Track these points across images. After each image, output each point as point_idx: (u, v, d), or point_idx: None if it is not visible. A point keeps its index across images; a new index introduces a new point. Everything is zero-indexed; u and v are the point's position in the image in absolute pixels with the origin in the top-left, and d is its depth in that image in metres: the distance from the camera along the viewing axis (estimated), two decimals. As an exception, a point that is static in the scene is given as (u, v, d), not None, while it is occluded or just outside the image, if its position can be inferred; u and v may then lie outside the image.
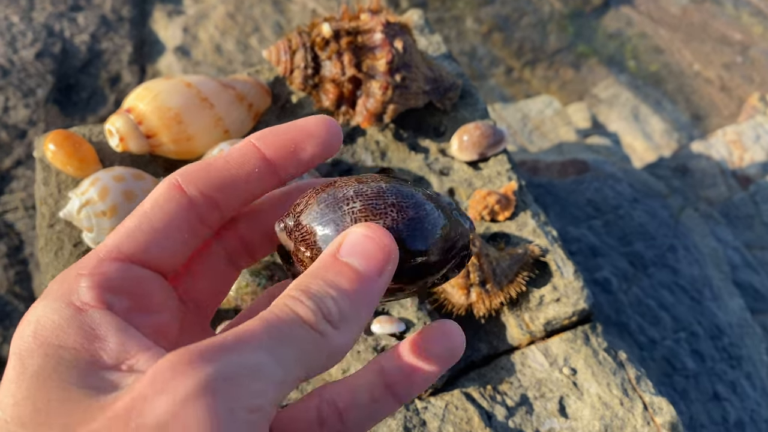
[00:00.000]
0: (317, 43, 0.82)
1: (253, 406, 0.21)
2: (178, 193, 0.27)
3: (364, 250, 0.26)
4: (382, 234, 0.26)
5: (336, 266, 0.25)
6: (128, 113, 0.77)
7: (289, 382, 0.23)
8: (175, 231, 0.27)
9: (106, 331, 0.24)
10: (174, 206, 0.27)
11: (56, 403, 0.22)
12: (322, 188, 0.29)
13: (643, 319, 1.06)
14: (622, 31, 2.32)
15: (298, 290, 0.25)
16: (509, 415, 0.72)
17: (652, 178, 1.33)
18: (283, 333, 0.23)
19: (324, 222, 0.27)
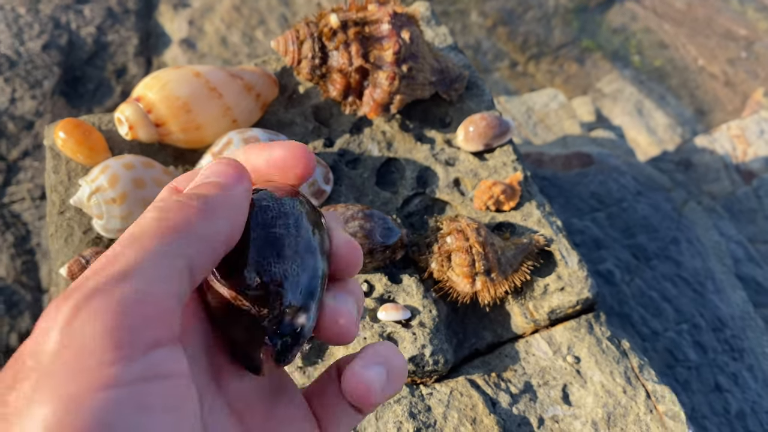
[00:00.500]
0: (325, 33, 0.82)
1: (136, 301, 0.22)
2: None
3: (219, 170, 0.28)
4: (233, 159, 0.29)
5: (199, 185, 0.28)
6: (137, 102, 0.78)
7: (173, 276, 0.24)
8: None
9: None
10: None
11: None
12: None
13: (646, 310, 1.07)
14: (626, 26, 2.32)
15: (158, 201, 0.27)
16: (513, 402, 0.73)
17: (656, 172, 1.33)
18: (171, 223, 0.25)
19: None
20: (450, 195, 0.84)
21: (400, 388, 0.31)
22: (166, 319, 0.23)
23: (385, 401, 0.31)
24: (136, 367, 0.21)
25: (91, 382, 0.20)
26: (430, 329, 0.73)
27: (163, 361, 0.22)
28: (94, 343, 0.21)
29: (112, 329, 0.21)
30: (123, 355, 0.21)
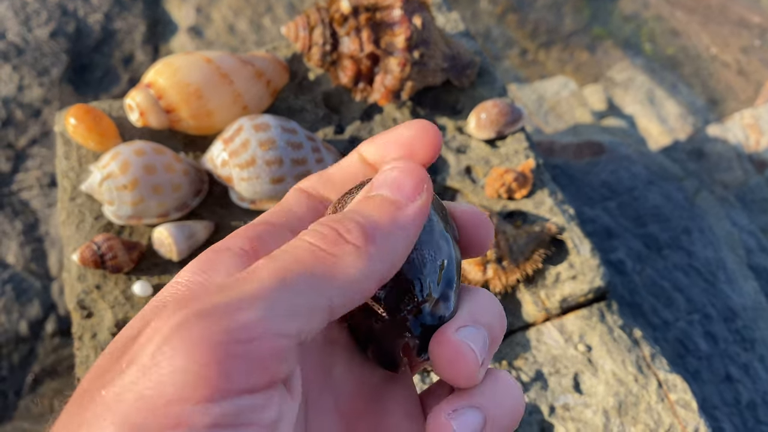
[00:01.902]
0: (336, 19, 0.81)
1: (248, 337, 0.19)
2: (303, 195, 0.27)
3: (391, 179, 0.24)
4: (412, 164, 0.25)
5: (367, 201, 0.24)
6: (148, 88, 0.77)
7: (304, 311, 0.20)
8: (304, 220, 0.26)
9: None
10: (298, 202, 0.27)
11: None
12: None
13: (657, 300, 1.06)
14: (638, 14, 2.29)
15: (317, 223, 0.23)
16: (524, 390, 0.73)
17: (668, 161, 1.32)
18: (292, 264, 0.21)
19: None
20: (461, 182, 0.83)
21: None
22: (272, 362, 0.19)
23: None
24: (214, 411, 0.18)
25: (160, 418, 0.18)
26: (441, 317, 0.73)
27: (249, 409, 0.19)
28: (178, 376, 0.18)
29: (204, 364, 0.18)
30: (203, 396, 0.18)
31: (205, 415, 0.18)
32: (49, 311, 1.52)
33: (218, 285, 0.20)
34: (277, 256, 0.21)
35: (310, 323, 0.20)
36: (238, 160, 0.74)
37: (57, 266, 1.57)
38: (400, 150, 0.26)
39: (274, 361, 0.19)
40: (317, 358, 0.26)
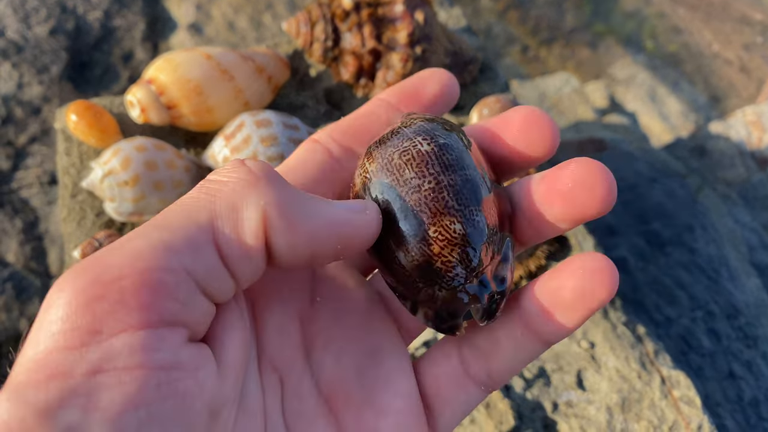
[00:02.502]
0: (337, 14, 0.81)
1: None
2: (317, 145, 0.28)
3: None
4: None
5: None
6: (149, 84, 0.77)
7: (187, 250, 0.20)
8: (321, 179, 0.27)
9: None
10: (317, 156, 0.27)
11: None
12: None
13: (660, 297, 1.06)
14: (640, 10, 2.29)
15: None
16: (527, 386, 0.72)
17: (670, 158, 1.32)
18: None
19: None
20: (464, 179, 0.83)
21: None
22: (148, 299, 0.18)
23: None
24: (89, 356, 0.17)
25: (40, 372, 0.17)
26: (443, 314, 0.72)
27: (129, 350, 0.18)
28: (54, 326, 0.18)
29: (71, 312, 0.18)
30: (76, 343, 0.17)
31: (81, 361, 0.17)
32: (49, 309, 1.51)
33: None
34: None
35: (195, 259, 0.19)
36: (239, 156, 0.73)
37: (57, 264, 1.57)
38: (419, 102, 0.29)
39: (151, 297, 0.18)
40: (295, 338, 0.25)
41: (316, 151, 0.28)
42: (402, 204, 0.23)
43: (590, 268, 0.24)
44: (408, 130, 0.25)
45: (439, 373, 0.26)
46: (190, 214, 0.20)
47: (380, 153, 0.25)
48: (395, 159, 0.24)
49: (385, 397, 0.25)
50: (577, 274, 0.24)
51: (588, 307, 0.24)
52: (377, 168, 0.25)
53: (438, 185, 0.23)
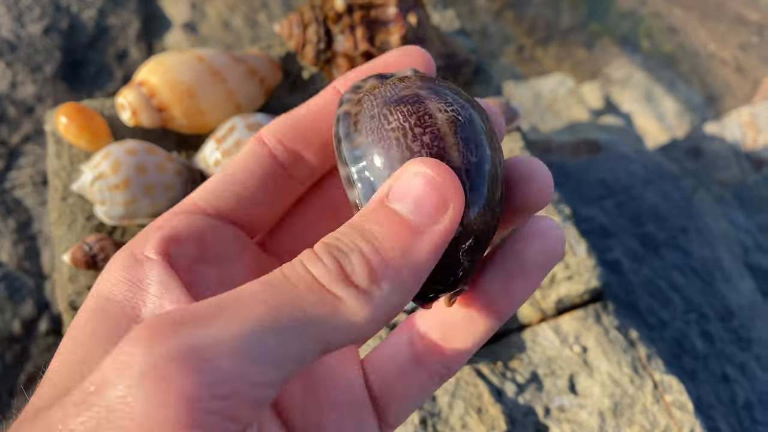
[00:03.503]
0: (330, 17, 0.80)
1: (228, 392, 0.17)
2: (259, 146, 0.25)
3: (411, 193, 0.20)
4: (442, 170, 0.20)
5: (379, 214, 0.20)
6: (140, 86, 0.76)
7: (294, 357, 0.18)
8: (258, 185, 0.24)
9: (150, 282, 0.22)
10: (255, 159, 0.24)
11: (83, 363, 0.20)
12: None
13: (654, 299, 1.06)
14: (636, 10, 2.28)
15: (321, 244, 0.20)
16: (519, 391, 0.72)
17: (665, 160, 1.31)
18: (286, 298, 0.18)
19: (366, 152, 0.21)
20: (457, 182, 0.83)
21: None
22: (249, 414, 0.17)
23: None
24: None
25: None
26: (436, 318, 0.72)
27: None
28: (149, 426, 0.16)
29: (178, 422, 0.16)
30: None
31: None
32: (42, 310, 1.51)
33: (193, 314, 0.18)
34: (270, 282, 0.19)
35: (298, 369, 0.18)
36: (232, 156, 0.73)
37: (50, 265, 1.56)
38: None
39: (252, 412, 0.17)
40: None
41: (261, 156, 0.25)
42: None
43: (542, 232, 0.23)
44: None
45: (389, 366, 0.25)
46: None
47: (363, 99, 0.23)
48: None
49: (331, 393, 0.24)
50: (530, 240, 0.23)
51: (543, 270, 0.23)
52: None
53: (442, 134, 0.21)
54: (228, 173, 0.25)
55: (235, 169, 0.25)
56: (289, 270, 0.19)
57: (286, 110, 0.90)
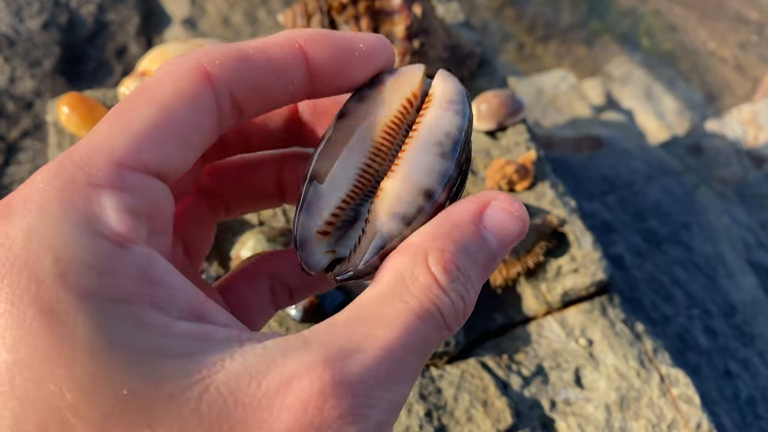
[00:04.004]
0: (334, 7, 0.80)
1: (385, 422, 0.19)
2: (206, 86, 0.21)
3: (504, 232, 0.22)
4: (525, 214, 0.23)
5: (478, 241, 0.22)
6: (143, 76, 0.76)
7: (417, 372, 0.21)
8: (195, 134, 0.21)
9: (161, 274, 0.19)
10: (200, 103, 0.21)
11: (152, 397, 0.17)
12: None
13: (657, 295, 1.05)
14: (636, 8, 2.29)
15: (441, 269, 0.21)
16: (525, 384, 0.72)
17: (667, 156, 1.31)
18: (426, 343, 0.20)
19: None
20: (461, 175, 0.82)
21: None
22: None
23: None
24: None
25: None
26: (441, 310, 0.71)
27: None
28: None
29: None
30: None
31: None
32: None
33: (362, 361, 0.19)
34: (407, 326, 0.20)
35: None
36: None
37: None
38: (363, 64, 0.24)
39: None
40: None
41: (208, 107, 0.21)
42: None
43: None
44: None
45: (249, 302, 0.28)
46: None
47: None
48: None
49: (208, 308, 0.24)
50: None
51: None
52: None
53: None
54: (165, 114, 0.20)
55: (178, 112, 0.20)
56: (419, 304, 0.20)
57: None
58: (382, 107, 0.25)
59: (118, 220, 0.18)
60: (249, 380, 0.17)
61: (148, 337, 0.17)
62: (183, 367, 0.17)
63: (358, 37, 0.24)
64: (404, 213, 0.23)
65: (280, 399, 0.17)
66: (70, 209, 0.18)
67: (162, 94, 0.20)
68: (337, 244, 0.25)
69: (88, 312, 0.17)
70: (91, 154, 0.19)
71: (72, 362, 0.16)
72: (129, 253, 0.18)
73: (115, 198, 0.19)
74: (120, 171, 0.19)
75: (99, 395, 0.16)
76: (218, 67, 0.21)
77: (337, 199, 0.24)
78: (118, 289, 0.17)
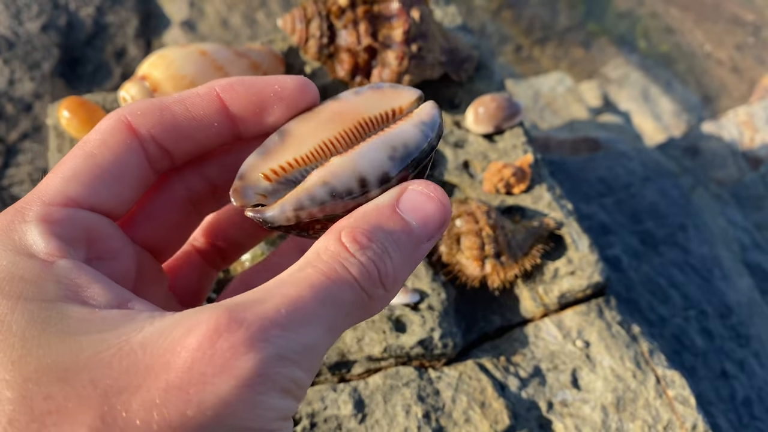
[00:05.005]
0: (333, 11, 0.80)
1: (301, 382, 0.21)
2: (128, 134, 0.25)
3: (422, 211, 0.24)
4: (443, 195, 0.25)
5: (395, 220, 0.24)
6: (143, 80, 0.76)
7: (331, 344, 0.22)
8: (124, 174, 0.25)
9: (86, 280, 0.22)
10: (123, 148, 0.25)
11: (70, 360, 0.20)
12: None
13: (653, 296, 1.06)
14: (633, 10, 2.29)
15: (351, 239, 0.23)
16: (522, 386, 0.72)
17: (664, 158, 1.32)
18: (336, 300, 0.22)
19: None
20: (459, 177, 0.83)
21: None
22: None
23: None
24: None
25: None
26: (438, 312, 0.72)
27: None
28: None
29: None
30: None
31: None
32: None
33: (272, 318, 0.21)
34: (312, 282, 0.22)
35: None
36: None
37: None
38: (281, 106, 0.26)
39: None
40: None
41: (131, 147, 0.25)
42: None
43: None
44: None
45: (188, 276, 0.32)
46: None
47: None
48: None
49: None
50: None
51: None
52: None
53: None
54: (91, 159, 0.24)
55: (99, 154, 0.25)
56: (329, 270, 0.22)
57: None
58: (367, 105, 0.27)
59: (44, 243, 0.23)
60: (159, 335, 0.20)
61: (75, 322, 0.20)
62: (103, 338, 0.20)
63: (274, 80, 0.26)
64: (334, 187, 0.25)
65: (181, 342, 0.20)
66: (7, 241, 0.22)
67: (90, 145, 0.25)
68: (273, 195, 0.26)
69: (22, 310, 0.20)
70: (28, 199, 0.24)
71: (7, 348, 0.20)
72: (54, 266, 0.22)
73: (41, 228, 0.23)
74: (48, 208, 0.23)
75: (26, 367, 0.19)
76: (140, 116, 0.25)
77: (291, 155, 0.26)
78: (47, 293, 0.21)
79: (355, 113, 0.27)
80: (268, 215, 0.25)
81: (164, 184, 0.29)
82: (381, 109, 0.27)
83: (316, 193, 0.25)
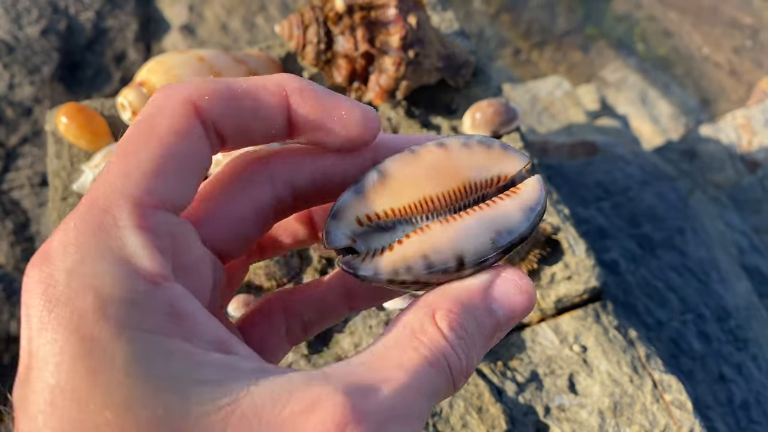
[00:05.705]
0: (330, 17, 0.81)
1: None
2: (197, 121, 0.22)
3: (512, 305, 0.24)
4: (531, 287, 0.25)
5: (485, 308, 0.24)
6: (141, 87, 0.77)
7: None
8: (197, 168, 0.23)
9: (191, 310, 0.20)
10: (196, 138, 0.22)
11: (179, 417, 0.18)
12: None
13: (651, 300, 1.06)
14: (631, 14, 2.30)
15: (448, 326, 0.23)
16: (519, 391, 0.73)
17: (662, 161, 1.32)
18: (436, 392, 0.22)
19: None
20: (456, 183, 0.83)
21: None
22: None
23: None
24: None
25: None
26: (436, 318, 0.72)
27: None
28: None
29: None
30: None
31: None
32: (39, 312, 1.50)
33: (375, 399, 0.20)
34: (418, 375, 0.22)
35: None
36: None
37: (48, 266, 1.56)
38: (337, 131, 0.24)
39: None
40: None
41: (199, 141, 0.23)
42: None
43: None
44: None
45: (265, 339, 0.29)
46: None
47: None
48: None
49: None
50: None
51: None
52: None
53: None
54: (170, 152, 0.21)
55: (178, 147, 0.22)
56: (431, 356, 0.22)
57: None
58: (474, 164, 0.26)
59: (148, 259, 0.20)
60: (273, 404, 0.19)
61: (180, 364, 0.19)
62: (212, 392, 0.18)
63: (343, 104, 0.24)
64: (432, 262, 0.24)
65: (303, 420, 0.18)
66: (106, 250, 0.19)
67: (160, 131, 0.22)
68: (362, 238, 0.25)
69: (126, 341, 0.18)
70: (112, 198, 0.20)
71: (111, 384, 0.18)
72: (160, 290, 0.20)
73: (141, 237, 0.20)
74: (141, 210, 0.20)
75: (136, 414, 0.18)
76: (207, 101, 0.22)
77: (389, 203, 0.25)
78: (153, 322, 0.19)
79: (460, 173, 0.26)
80: (361, 274, 0.25)
81: (251, 182, 0.25)
82: (488, 174, 0.26)
83: (413, 266, 0.24)
